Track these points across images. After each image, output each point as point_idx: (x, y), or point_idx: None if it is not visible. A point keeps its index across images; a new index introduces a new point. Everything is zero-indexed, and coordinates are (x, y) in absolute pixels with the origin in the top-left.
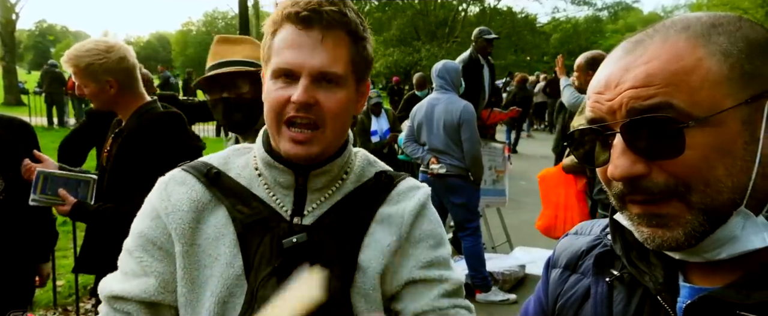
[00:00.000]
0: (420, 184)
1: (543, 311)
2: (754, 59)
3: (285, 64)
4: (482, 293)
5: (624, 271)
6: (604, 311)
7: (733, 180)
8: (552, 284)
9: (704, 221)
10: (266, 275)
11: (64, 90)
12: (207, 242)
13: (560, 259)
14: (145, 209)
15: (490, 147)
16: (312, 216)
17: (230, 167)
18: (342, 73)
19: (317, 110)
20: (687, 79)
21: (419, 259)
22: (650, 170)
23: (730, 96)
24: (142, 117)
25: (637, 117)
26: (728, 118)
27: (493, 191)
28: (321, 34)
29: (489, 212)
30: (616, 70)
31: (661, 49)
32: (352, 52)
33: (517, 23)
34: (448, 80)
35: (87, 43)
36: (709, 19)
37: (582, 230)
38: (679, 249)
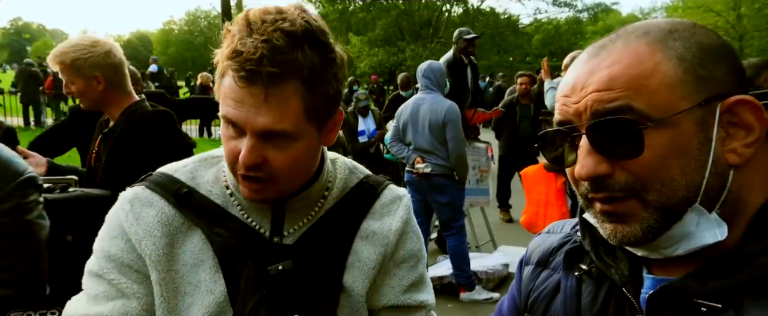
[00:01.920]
0: (402, 192)
1: (516, 307)
2: (706, 64)
3: (231, 117)
4: (467, 292)
5: (592, 265)
6: (572, 304)
7: (687, 179)
8: (525, 280)
9: (659, 219)
10: (254, 303)
11: (40, 90)
12: (185, 268)
13: (532, 256)
14: (111, 229)
15: (474, 147)
16: (293, 237)
17: (199, 182)
18: (292, 129)
19: (266, 167)
20: (646, 82)
21: (402, 281)
22: (613, 169)
23: (685, 99)
24: (132, 116)
25: (599, 119)
26: (683, 120)
27: (477, 191)
28: (263, 92)
29: (473, 212)
30: (581, 74)
31: (623, 54)
32: (306, 101)
33: (499, 24)
34: (433, 80)
35: (71, 40)
36: (667, 25)
37: (553, 228)
38: (638, 245)
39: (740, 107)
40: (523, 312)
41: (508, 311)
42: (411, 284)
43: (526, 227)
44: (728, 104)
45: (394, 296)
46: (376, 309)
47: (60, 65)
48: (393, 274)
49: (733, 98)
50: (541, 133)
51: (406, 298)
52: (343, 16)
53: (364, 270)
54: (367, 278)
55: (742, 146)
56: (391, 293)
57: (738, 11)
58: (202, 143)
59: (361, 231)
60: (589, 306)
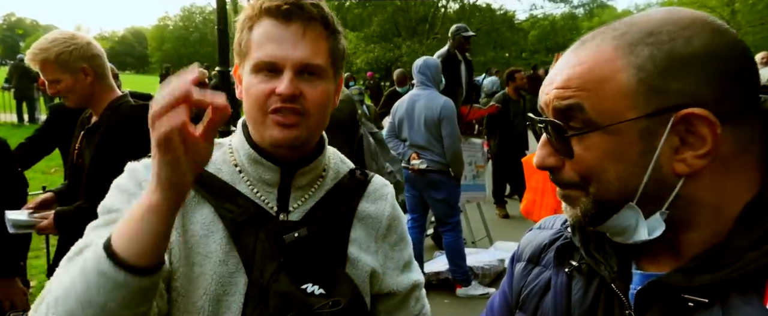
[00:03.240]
0: (386, 181)
1: (507, 303)
2: (666, 75)
3: (268, 57)
4: (463, 287)
5: (582, 262)
6: (563, 300)
7: (621, 183)
8: (516, 277)
9: (595, 208)
10: (274, 270)
11: (34, 86)
12: (194, 239)
13: (524, 253)
14: (126, 188)
15: (470, 143)
16: (298, 212)
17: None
18: (324, 65)
19: (302, 101)
20: (600, 87)
21: (399, 263)
22: (563, 163)
23: (634, 108)
24: (118, 110)
25: (545, 118)
26: (627, 129)
27: (474, 187)
28: (302, 28)
29: (469, 207)
30: (557, 68)
31: (590, 55)
32: (330, 44)
33: (495, 20)
34: (428, 76)
35: (46, 36)
36: (653, 26)
37: (545, 224)
38: (583, 225)
39: (694, 120)
40: (514, 309)
41: (499, 308)
42: (404, 264)
43: (525, 214)
44: (682, 115)
45: (395, 280)
46: (383, 293)
47: (42, 63)
48: (390, 257)
49: (686, 111)
50: (529, 119)
51: (405, 279)
52: (339, 12)
53: (363, 247)
54: (366, 254)
55: (693, 157)
56: (393, 276)
57: (732, 7)
58: None
59: (358, 212)
60: (579, 302)
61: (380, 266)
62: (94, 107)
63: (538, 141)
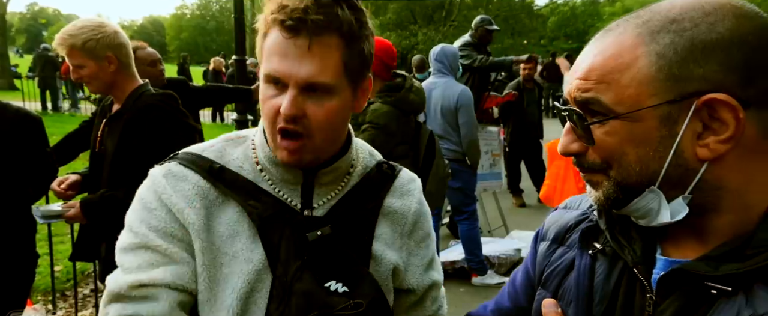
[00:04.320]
0: (414, 175)
1: (529, 280)
2: (688, 62)
3: (273, 72)
4: (478, 276)
5: (607, 245)
6: (585, 282)
7: (642, 167)
8: (540, 255)
9: (617, 191)
10: (298, 267)
11: (57, 74)
12: (221, 240)
13: (549, 232)
14: (147, 203)
15: (487, 131)
16: (322, 209)
17: (228, 160)
18: (332, 82)
19: (305, 122)
20: (619, 77)
21: (423, 260)
22: (586, 149)
23: (654, 96)
24: (140, 99)
25: (569, 107)
26: (647, 115)
27: (490, 175)
28: (307, 42)
29: (485, 196)
30: (582, 57)
31: (611, 44)
32: (344, 56)
33: (514, 6)
34: (445, 64)
35: (75, 23)
36: (676, 13)
37: (571, 204)
38: (606, 208)
39: (717, 105)
40: (536, 286)
41: (522, 284)
42: (428, 262)
43: (544, 200)
44: (704, 101)
45: (417, 277)
46: (402, 288)
47: (69, 48)
48: (415, 253)
49: (708, 96)
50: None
51: (426, 278)
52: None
53: (388, 243)
54: (391, 250)
55: (716, 142)
56: (415, 273)
57: None
58: (215, 129)
59: (384, 208)
60: (601, 285)
61: (403, 263)
62: (116, 95)
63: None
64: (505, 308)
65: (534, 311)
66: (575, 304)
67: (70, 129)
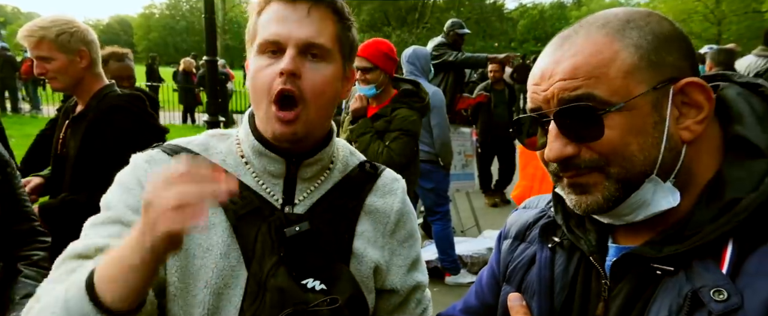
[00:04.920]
0: (397, 175)
1: (495, 278)
2: (659, 50)
3: (271, 36)
4: (452, 275)
5: (564, 237)
6: (546, 273)
7: (645, 155)
8: (503, 253)
9: (619, 188)
10: (273, 264)
11: (16, 75)
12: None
13: (510, 230)
14: (126, 184)
15: (459, 132)
16: (303, 205)
17: (212, 152)
18: (328, 45)
19: (300, 84)
20: (606, 70)
21: (406, 260)
22: (579, 150)
23: (641, 83)
24: (104, 100)
25: (565, 106)
26: (640, 103)
27: (463, 176)
28: (307, 7)
29: (458, 196)
30: (549, 64)
31: (585, 44)
32: (338, 28)
33: (485, 9)
34: (418, 66)
35: (44, 17)
36: (624, 15)
37: (529, 204)
38: (600, 212)
39: (691, 88)
40: (501, 282)
41: (487, 282)
42: (411, 263)
43: (517, 201)
44: (680, 86)
45: (399, 278)
46: (385, 289)
47: (39, 40)
48: (398, 253)
49: (684, 81)
50: (515, 119)
51: (409, 279)
52: None
53: (370, 241)
54: (373, 249)
55: (693, 124)
56: (397, 274)
57: None
58: (185, 130)
59: (366, 206)
60: (561, 275)
61: (385, 262)
62: (80, 95)
63: (521, 140)
64: (473, 307)
65: (500, 306)
66: (538, 295)
67: (30, 131)
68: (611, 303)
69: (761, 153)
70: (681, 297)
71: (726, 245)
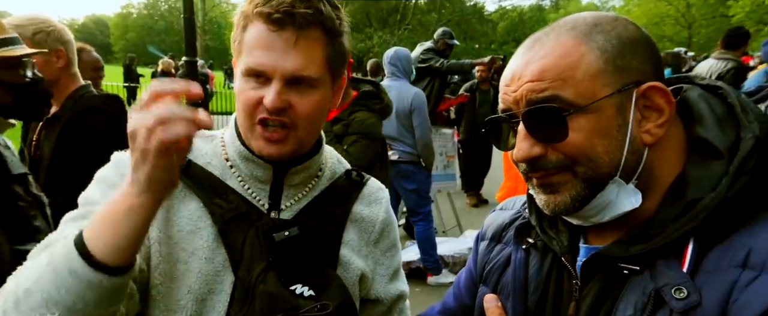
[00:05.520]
0: (381, 185)
1: (472, 279)
2: (624, 54)
3: (256, 65)
4: (434, 276)
5: (538, 239)
6: (521, 274)
7: (610, 157)
8: (480, 254)
9: (585, 188)
10: (262, 269)
11: None
12: (180, 234)
13: (487, 232)
14: (108, 179)
15: (441, 133)
16: (290, 211)
17: (196, 155)
18: (316, 75)
19: (291, 113)
20: (572, 73)
21: (389, 270)
22: (546, 150)
23: (607, 86)
24: (80, 100)
25: (531, 107)
26: (605, 105)
27: (444, 176)
28: (294, 36)
29: (440, 197)
30: (519, 65)
31: (553, 47)
32: (327, 50)
33: (465, 11)
34: (399, 67)
35: (18, 16)
36: (592, 19)
37: (506, 205)
38: (568, 212)
39: (652, 92)
40: (478, 283)
41: (465, 283)
42: (393, 272)
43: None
44: (643, 90)
45: (383, 287)
46: (369, 298)
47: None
48: (381, 263)
49: (646, 85)
50: (486, 119)
51: (392, 288)
52: None
53: (356, 250)
54: (358, 257)
55: (655, 127)
56: (381, 283)
57: (687, 0)
58: None
59: (352, 214)
60: (535, 275)
61: (370, 271)
62: (56, 95)
63: (494, 142)
64: (451, 308)
65: (476, 307)
66: (513, 296)
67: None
68: (582, 302)
69: (720, 154)
70: (645, 296)
71: (687, 243)
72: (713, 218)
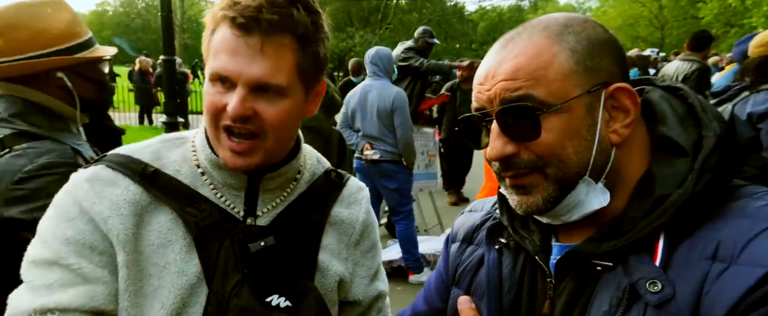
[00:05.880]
0: (362, 184)
1: (443, 281)
2: (594, 55)
3: (221, 70)
4: (415, 274)
5: (510, 238)
6: (495, 274)
7: (579, 157)
8: (451, 256)
9: (556, 189)
10: (237, 282)
11: None
12: (151, 249)
13: (458, 234)
14: (65, 211)
15: (422, 132)
16: (267, 217)
17: (165, 162)
18: (285, 83)
19: (256, 121)
20: (544, 73)
21: (369, 271)
22: (519, 149)
23: (578, 86)
24: None
25: (505, 106)
26: (575, 106)
27: (426, 175)
28: (260, 42)
29: (421, 196)
30: (492, 64)
31: (526, 46)
32: (298, 57)
33: (446, 11)
34: (381, 67)
35: None
36: (564, 20)
37: (475, 207)
38: (540, 212)
39: (620, 93)
40: (450, 285)
41: (436, 286)
42: (374, 273)
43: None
44: (611, 91)
45: (363, 288)
46: (347, 301)
47: None
48: (361, 264)
49: (614, 86)
50: (460, 117)
51: (372, 289)
52: None
53: (335, 254)
54: (337, 261)
55: (621, 127)
56: (360, 285)
57: (660, 2)
58: (143, 131)
59: (331, 217)
60: (508, 275)
61: (349, 274)
62: None
63: (468, 141)
64: (422, 312)
65: (449, 309)
66: (487, 296)
67: None
68: (557, 300)
69: (685, 151)
70: (620, 291)
71: (658, 238)
72: (681, 213)
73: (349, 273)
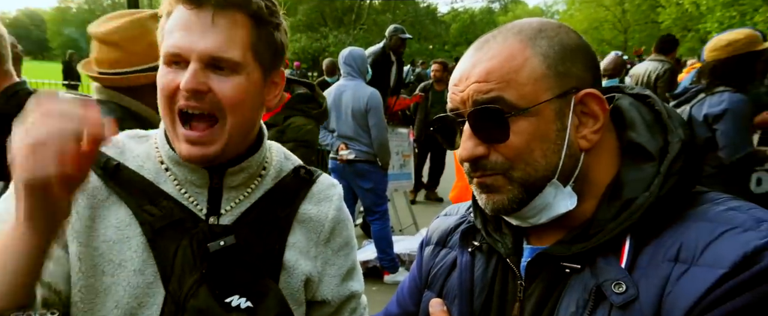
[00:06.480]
0: (334, 181)
1: (416, 285)
2: (565, 61)
3: (173, 47)
4: (390, 274)
5: (483, 241)
6: (467, 276)
7: (547, 160)
8: (425, 259)
9: (522, 192)
10: (194, 282)
11: None
12: (106, 245)
13: (432, 237)
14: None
15: (397, 133)
16: (231, 215)
17: (128, 157)
18: (238, 59)
19: (212, 99)
20: (516, 76)
21: (341, 270)
22: (489, 151)
23: (548, 90)
24: (14, 97)
25: (477, 107)
26: (545, 110)
27: (400, 175)
28: (211, 14)
29: (396, 196)
30: (467, 66)
31: (500, 49)
32: (253, 36)
33: (419, 12)
34: (354, 67)
35: None
36: (538, 24)
37: (450, 211)
38: (506, 212)
39: (589, 99)
40: (423, 289)
41: (409, 289)
42: (346, 272)
43: (455, 201)
44: (581, 96)
45: (333, 288)
46: (316, 300)
47: None
48: (332, 263)
49: (584, 91)
50: (435, 117)
51: (343, 289)
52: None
53: (303, 252)
54: (305, 260)
55: (590, 133)
56: (330, 284)
57: (622, 6)
58: None
59: (299, 214)
60: (480, 277)
61: (317, 273)
62: None
63: (443, 142)
64: (394, 314)
65: (421, 312)
66: (458, 299)
67: None
68: (526, 303)
69: (652, 156)
70: (586, 292)
71: (625, 241)
72: (647, 216)
73: (317, 272)
